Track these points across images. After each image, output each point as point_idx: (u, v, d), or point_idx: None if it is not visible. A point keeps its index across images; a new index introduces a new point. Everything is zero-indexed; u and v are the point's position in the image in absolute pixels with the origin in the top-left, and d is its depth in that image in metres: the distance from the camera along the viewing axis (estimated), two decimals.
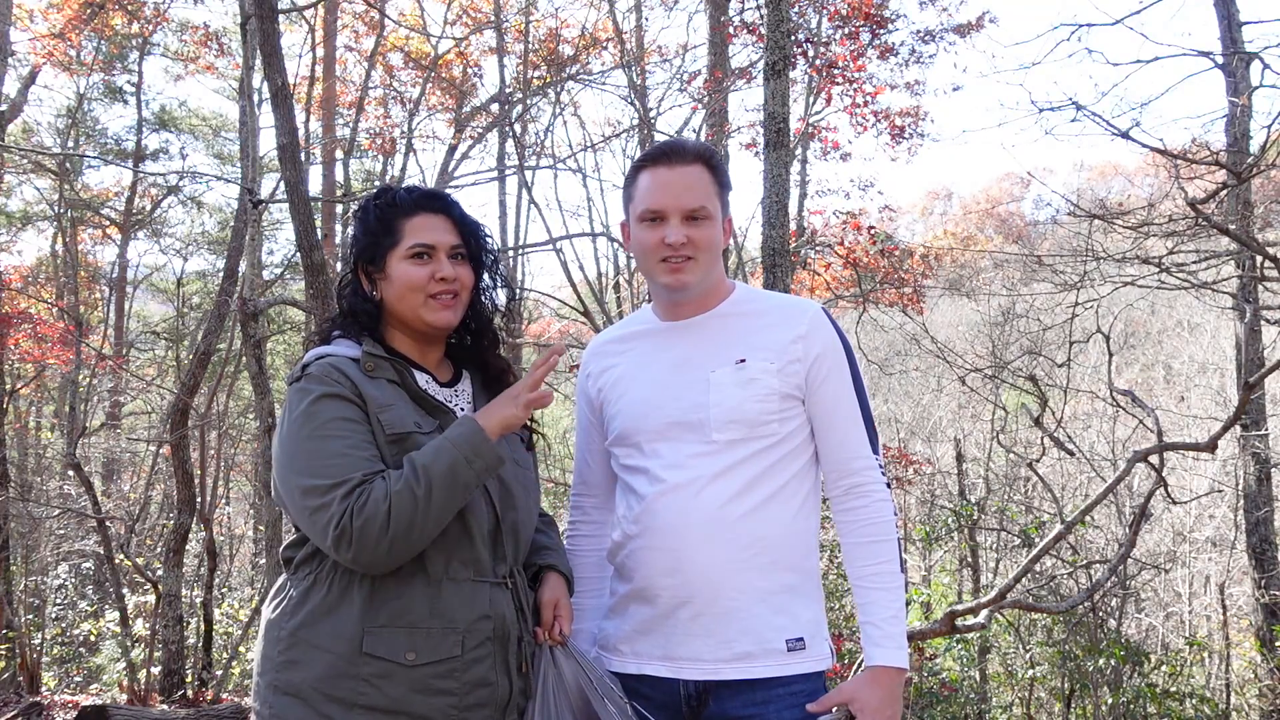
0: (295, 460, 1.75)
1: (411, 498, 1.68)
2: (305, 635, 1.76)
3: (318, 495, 1.70)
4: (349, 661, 1.72)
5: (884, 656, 1.90)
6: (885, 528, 1.97)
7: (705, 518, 1.92)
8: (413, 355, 1.97)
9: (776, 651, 1.91)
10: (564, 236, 8.35)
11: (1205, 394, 16.56)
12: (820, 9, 10.93)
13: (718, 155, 2.05)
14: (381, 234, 1.93)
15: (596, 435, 2.18)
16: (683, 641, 1.93)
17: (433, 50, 14.72)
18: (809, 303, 2.09)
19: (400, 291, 1.91)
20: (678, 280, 1.99)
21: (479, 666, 1.78)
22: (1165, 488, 5.19)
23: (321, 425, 1.75)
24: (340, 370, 1.83)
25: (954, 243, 24.29)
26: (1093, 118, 5.35)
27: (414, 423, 1.82)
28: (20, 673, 9.50)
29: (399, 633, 1.74)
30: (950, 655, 8.05)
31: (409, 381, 1.89)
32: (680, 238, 1.96)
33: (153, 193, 17.38)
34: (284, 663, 1.76)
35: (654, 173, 2.00)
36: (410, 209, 1.94)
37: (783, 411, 1.97)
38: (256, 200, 7.94)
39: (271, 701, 1.77)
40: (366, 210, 1.97)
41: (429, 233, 1.93)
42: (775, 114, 5.14)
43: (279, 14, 6.00)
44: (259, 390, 7.95)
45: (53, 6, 12.77)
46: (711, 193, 2.00)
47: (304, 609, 1.78)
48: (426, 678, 1.73)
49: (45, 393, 16.31)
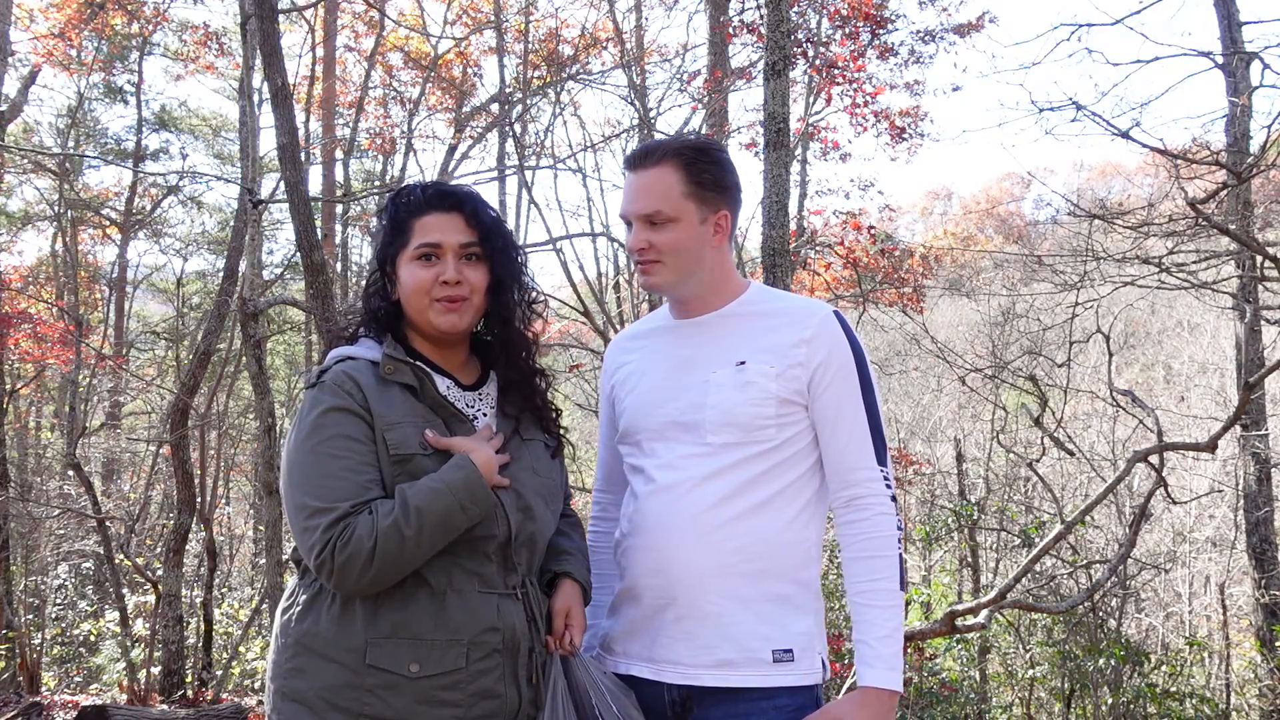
0: (294, 473, 1.75)
1: (399, 538, 1.67)
2: (311, 643, 1.75)
3: (307, 516, 1.70)
4: (354, 672, 1.71)
5: (874, 678, 1.83)
6: (885, 543, 1.89)
7: (691, 519, 1.89)
8: (434, 357, 1.93)
9: (761, 661, 1.86)
10: (564, 236, 8.33)
11: (1205, 394, 16.57)
12: (820, 9, 10.93)
13: (703, 153, 1.96)
14: (394, 234, 1.90)
15: (613, 432, 2.16)
16: (666, 644, 1.91)
17: (432, 50, 14.73)
18: (820, 305, 2.02)
19: (407, 294, 1.88)
20: (646, 282, 1.99)
21: (485, 679, 1.75)
22: (1165, 488, 5.20)
23: (324, 441, 1.74)
24: (354, 380, 1.80)
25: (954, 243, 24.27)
26: (1093, 118, 5.37)
27: (419, 443, 1.79)
28: (20, 673, 9.50)
29: (402, 644, 1.72)
30: (950, 655, 8.06)
31: (428, 388, 1.85)
32: (639, 243, 1.94)
33: (153, 193, 17.39)
34: (291, 670, 1.76)
35: (626, 178, 2.00)
36: (421, 208, 1.89)
37: (780, 416, 1.92)
38: (256, 200, 7.93)
39: (280, 708, 1.77)
40: (387, 208, 1.94)
41: (436, 232, 1.87)
42: (775, 114, 5.14)
43: (279, 14, 6.00)
44: (259, 390, 7.95)
45: (53, 6, 12.76)
46: (674, 194, 1.93)
47: (310, 616, 1.77)
48: (431, 689, 1.72)
49: (45, 393, 16.31)
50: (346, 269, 15.36)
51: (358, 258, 16.43)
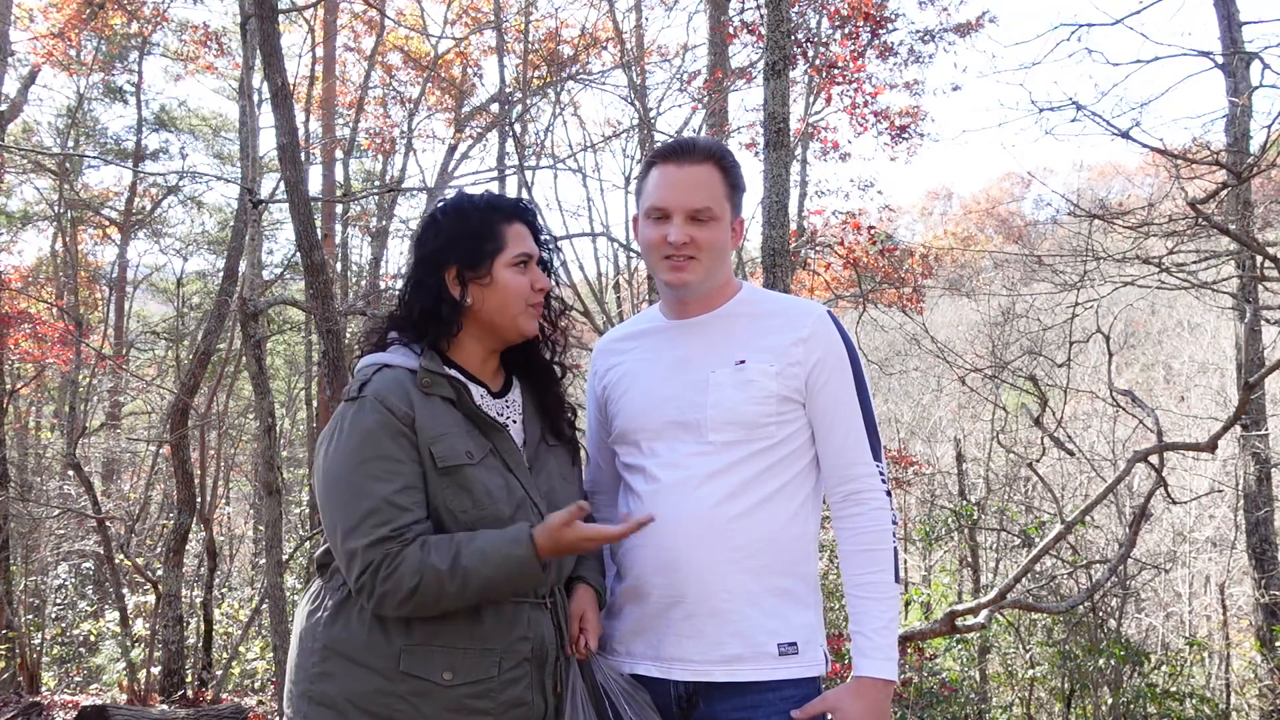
0: (334, 490, 1.75)
1: (439, 589, 1.69)
2: (341, 648, 1.76)
3: (350, 538, 1.71)
4: (387, 678, 1.73)
5: (871, 668, 1.87)
6: (881, 536, 1.93)
7: (698, 517, 1.91)
8: (475, 366, 1.94)
9: (767, 655, 1.89)
10: (564, 236, 8.34)
11: (1205, 394, 16.58)
12: (820, 9, 10.91)
13: (732, 156, 2.02)
14: (486, 237, 1.89)
15: (605, 434, 2.17)
16: (674, 642, 1.92)
17: (432, 50, 14.73)
18: (814, 305, 2.06)
19: (506, 299, 1.89)
20: (678, 279, 1.98)
21: (515, 687, 1.77)
22: (1165, 488, 5.20)
23: (369, 461, 1.74)
24: (398, 393, 1.80)
25: (954, 243, 24.28)
26: (1093, 117, 5.36)
27: (465, 452, 1.79)
28: (20, 673, 9.50)
29: (436, 652, 1.74)
30: (950, 655, 8.06)
31: (465, 400, 1.85)
32: (683, 237, 1.95)
33: (153, 193, 17.38)
34: (319, 674, 1.77)
35: (664, 169, 1.98)
36: (510, 215, 1.92)
37: (780, 414, 1.95)
38: (256, 200, 7.93)
39: (305, 711, 1.77)
40: (464, 211, 1.91)
41: (526, 242, 1.92)
42: (775, 114, 5.14)
43: (279, 14, 6.00)
44: (259, 390, 7.94)
45: (52, 6, 12.76)
46: (720, 194, 1.97)
47: (340, 620, 1.78)
48: (462, 697, 1.73)
49: (45, 393, 16.31)
50: (346, 269, 15.35)
51: (358, 258, 16.43)
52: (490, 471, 1.81)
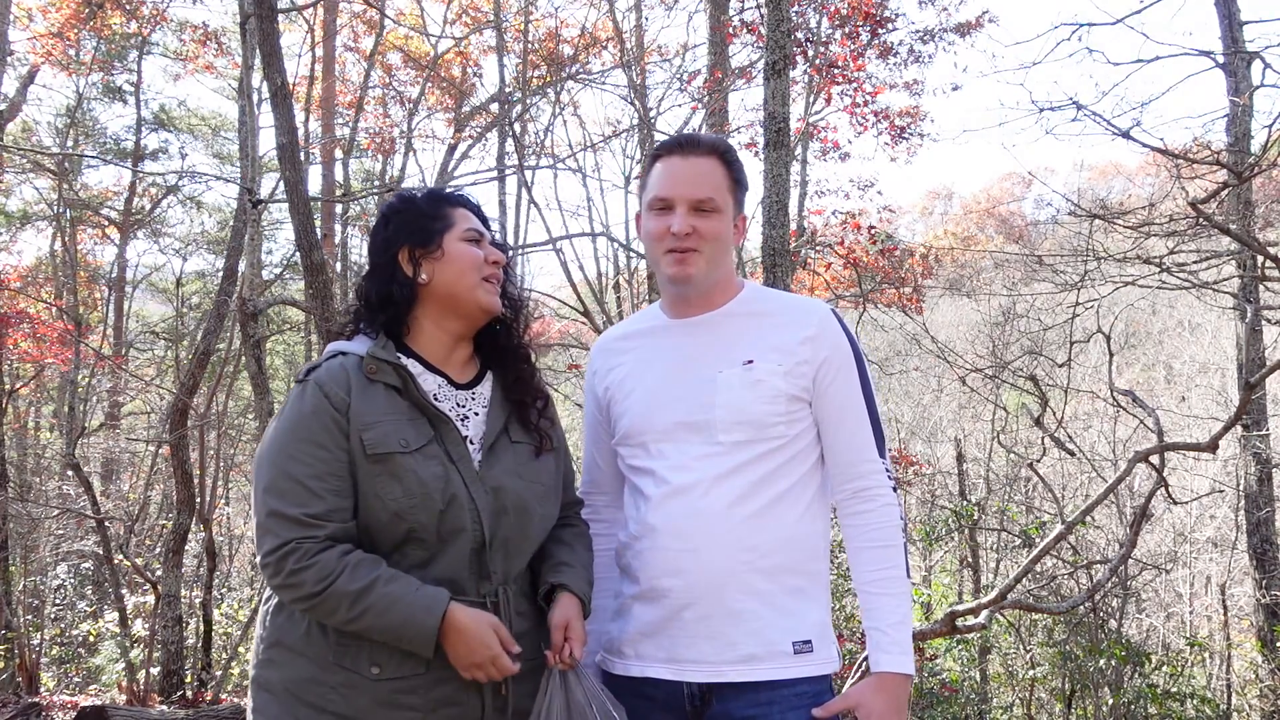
0: (260, 470, 1.79)
1: (336, 607, 1.69)
2: (283, 638, 1.80)
3: (264, 515, 1.74)
4: (321, 668, 1.75)
5: (890, 663, 1.88)
6: (892, 532, 1.95)
7: (712, 519, 1.91)
8: (439, 355, 1.93)
9: (783, 654, 1.90)
10: (564, 236, 8.32)
11: (1206, 394, 16.57)
12: (820, 9, 10.91)
13: (735, 153, 2.03)
14: (435, 218, 1.93)
15: (604, 433, 2.15)
16: (689, 644, 1.91)
17: (432, 50, 14.72)
18: (818, 303, 2.06)
19: (460, 269, 1.90)
20: (681, 272, 1.97)
21: (445, 686, 1.76)
22: (1166, 488, 5.18)
23: (295, 443, 1.77)
24: (339, 378, 1.82)
25: (954, 243, 24.29)
26: (1093, 117, 5.35)
27: (400, 440, 1.78)
28: (19, 673, 9.49)
29: (364, 646, 1.74)
30: (951, 656, 8.05)
31: (410, 389, 1.84)
32: (686, 227, 1.94)
33: (152, 192, 17.36)
34: (264, 661, 1.81)
35: (668, 162, 1.99)
36: (457, 203, 1.98)
37: (790, 414, 1.95)
38: (256, 200, 7.92)
39: (253, 694, 1.82)
40: (411, 200, 1.97)
41: (475, 223, 1.97)
42: (775, 114, 5.13)
43: (278, 13, 5.98)
44: (259, 390, 7.93)
45: (51, 6, 12.74)
46: (723, 187, 1.98)
47: (284, 612, 1.81)
48: (390, 692, 1.74)
49: (44, 393, 16.29)
50: (346, 269, 15.32)
51: (357, 258, 16.39)
52: (428, 461, 1.79)
